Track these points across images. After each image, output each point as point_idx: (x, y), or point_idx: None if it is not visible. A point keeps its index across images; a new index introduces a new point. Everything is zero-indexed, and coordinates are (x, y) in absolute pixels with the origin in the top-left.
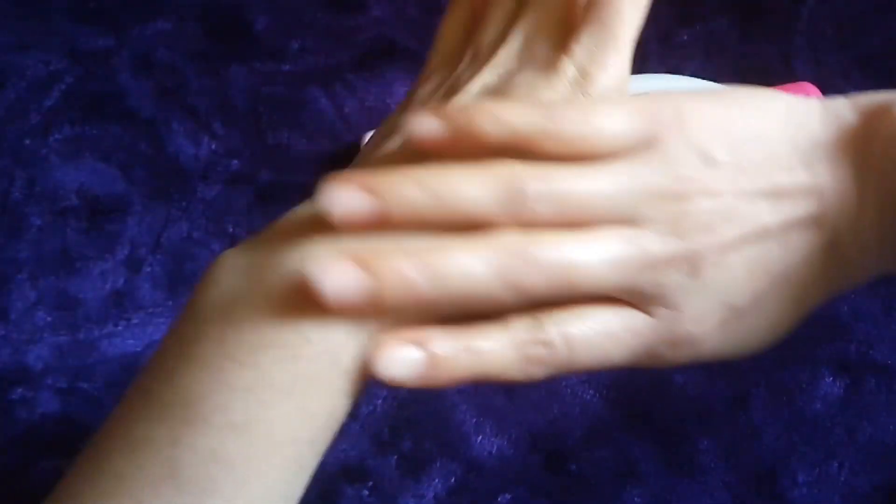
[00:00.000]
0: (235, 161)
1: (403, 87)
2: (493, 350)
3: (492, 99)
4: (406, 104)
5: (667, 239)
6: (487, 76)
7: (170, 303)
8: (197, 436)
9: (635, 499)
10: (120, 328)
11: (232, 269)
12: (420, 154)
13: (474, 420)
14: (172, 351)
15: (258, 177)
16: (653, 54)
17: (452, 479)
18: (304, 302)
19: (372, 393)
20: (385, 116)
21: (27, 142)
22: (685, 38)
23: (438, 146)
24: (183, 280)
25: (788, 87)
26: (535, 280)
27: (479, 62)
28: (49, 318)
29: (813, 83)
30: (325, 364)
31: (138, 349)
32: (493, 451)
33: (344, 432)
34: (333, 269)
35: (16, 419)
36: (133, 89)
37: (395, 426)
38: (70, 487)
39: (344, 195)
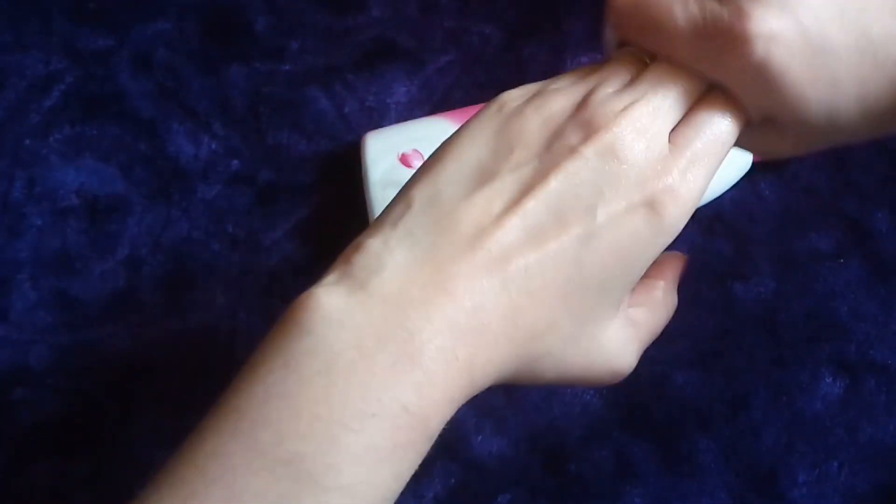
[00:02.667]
0: (235, 161)
1: (403, 87)
2: None
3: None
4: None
5: None
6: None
7: (170, 303)
8: (305, 494)
9: (635, 499)
10: (120, 328)
11: (325, 321)
12: None
13: (474, 420)
14: (271, 396)
15: (258, 177)
16: None
17: (452, 480)
18: (404, 370)
19: None
20: (385, 116)
21: (27, 142)
22: None
23: None
24: (183, 280)
25: None
26: None
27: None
28: (49, 319)
29: None
30: (419, 432)
31: (138, 349)
32: (493, 451)
33: None
34: None
35: (16, 419)
36: (133, 89)
37: None
38: None
39: None
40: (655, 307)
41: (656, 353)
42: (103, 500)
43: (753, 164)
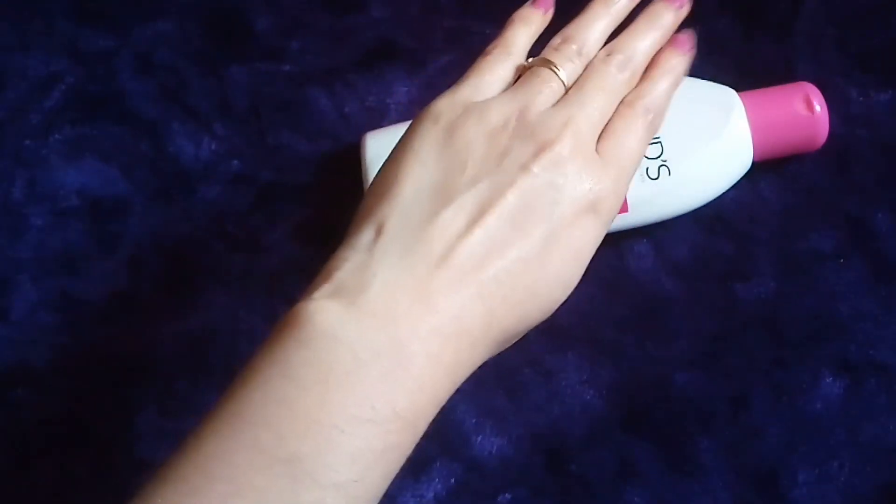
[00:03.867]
0: (236, 161)
1: (403, 87)
2: None
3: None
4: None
5: None
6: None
7: (170, 303)
8: (302, 491)
9: (635, 499)
10: (120, 329)
11: (321, 335)
12: None
13: (474, 420)
14: (271, 401)
15: (258, 177)
16: None
17: (452, 480)
18: (396, 378)
19: None
20: (385, 116)
21: (27, 142)
22: None
23: None
24: (184, 280)
25: (789, 87)
26: None
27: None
28: (50, 319)
29: (813, 83)
30: (407, 435)
31: (138, 349)
32: (493, 451)
33: None
34: None
35: (16, 419)
36: (134, 90)
37: None
38: None
39: None
40: None
41: (657, 353)
42: (103, 500)
43: (754, 163)
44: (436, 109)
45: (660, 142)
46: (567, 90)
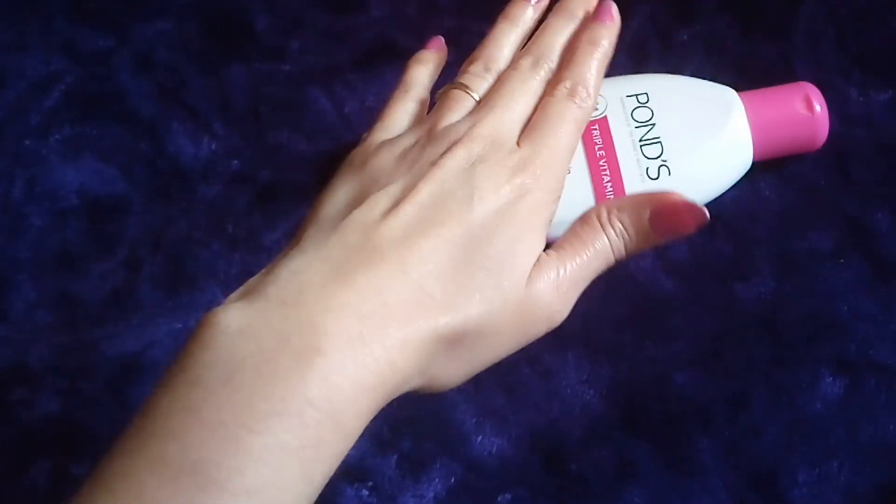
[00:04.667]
0: (235, 161)
1: None
2: None
3: None
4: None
5: None
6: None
7: (170, 303)
8: (209, 501)
9: (635, 499)
10: (120, 328)
11: (226, 334)
12: None
13: (474, 420)
14: (176, 410)
15: (258, 177)
16: (653, 54)
17: (452, 479)
18: (308, 363)
19: None
20: None
21: (27, 142)
22: (685, 37)
23: None
24: (183, 280)
25: (788, 87)
26: None
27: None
28: (49, 319)
29: (813, 83)
30: (329, 429)
31: (138, 349)
32: (493, 451)
33: None
34: None
35: (16, 419)
36: (133, 89)
37: (395, 426)
38: None
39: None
40: (578, 245)
41: (656, 353)
42: None
43: (753, 163)
44: (350, 156)
45: (660, 142)
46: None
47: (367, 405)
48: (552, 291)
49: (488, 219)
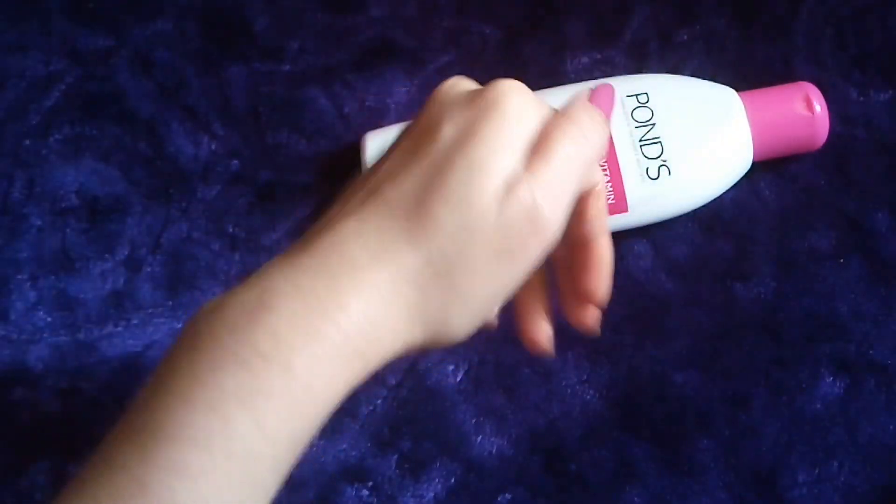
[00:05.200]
0: (235, 161)
1: (403, 87)
2: None
3: None
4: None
5: None
6: None
7: (170, 303)
8: (162, 451)
9: (635, 499)
10: (120, 328)
11: (207, 325)
12: None
13: (474, 420)
14: (150, 385)
15: (258, 177)
16: (653, 54)
17: (452, 479)
18: (256, 317)
19: (372, 393)
20: (385, 116)
21: (27, 142)
22: (685, 37)
23: None
24: (183, 280)
25: (788, 87)
26: None
27: None
28: (49, 319)
29: (813, 83)
30: (281, 381)
31: (138, 349)
32: (493, 451)
33: (344, 432)
34: None
35: (16, 419)
36: (132, 89)
37: (395, 426)
38: None
39: None
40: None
41: (656, 353)
42: None
43: (753, 163)
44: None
45: (660, 142)
46: None
47: (330, 364)
48: (528, 204)
49: (448, 146)
